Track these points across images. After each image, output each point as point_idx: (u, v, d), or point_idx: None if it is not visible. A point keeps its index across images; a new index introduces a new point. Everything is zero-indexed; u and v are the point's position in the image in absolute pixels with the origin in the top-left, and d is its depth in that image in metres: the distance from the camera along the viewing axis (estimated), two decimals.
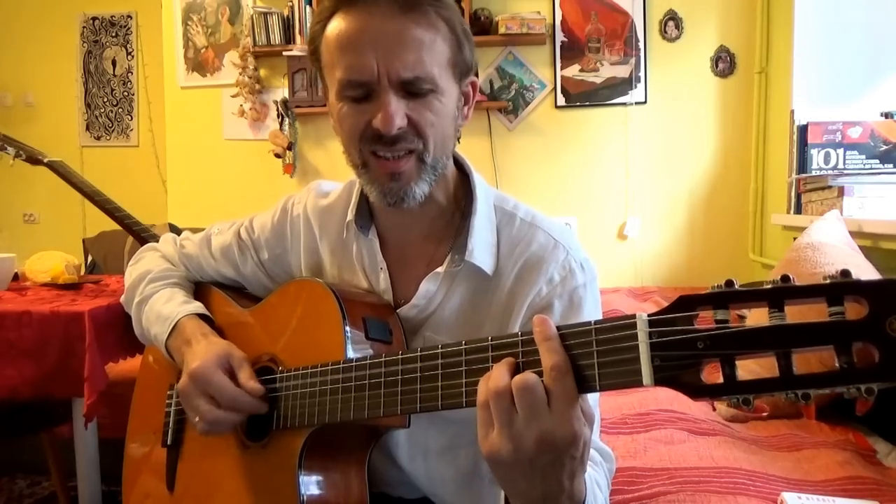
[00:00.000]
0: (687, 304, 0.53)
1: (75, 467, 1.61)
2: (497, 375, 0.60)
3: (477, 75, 0.91)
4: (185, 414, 0.99)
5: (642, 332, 0.54)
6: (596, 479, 0.77)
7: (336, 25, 0.79)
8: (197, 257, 1.08)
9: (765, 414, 1.43)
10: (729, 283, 0.52)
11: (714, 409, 1.58)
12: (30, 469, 2.39)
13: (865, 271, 1.47)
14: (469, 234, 0.85)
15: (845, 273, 0.48)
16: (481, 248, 0.85)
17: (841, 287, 0.48)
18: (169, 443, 1.00)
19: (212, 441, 0.93)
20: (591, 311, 0.86)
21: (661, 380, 0.54)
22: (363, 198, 0.92)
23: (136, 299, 1.06)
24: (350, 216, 0.92)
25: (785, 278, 0.50)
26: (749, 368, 0.52)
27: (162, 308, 1.00)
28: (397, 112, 0.77)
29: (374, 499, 0.85)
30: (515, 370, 0.60)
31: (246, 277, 1.05)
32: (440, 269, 0.86)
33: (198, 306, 1.00)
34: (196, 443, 0.97)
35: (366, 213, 0.92)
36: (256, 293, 1.05)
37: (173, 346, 0.96)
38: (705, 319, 0.53)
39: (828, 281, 0.48)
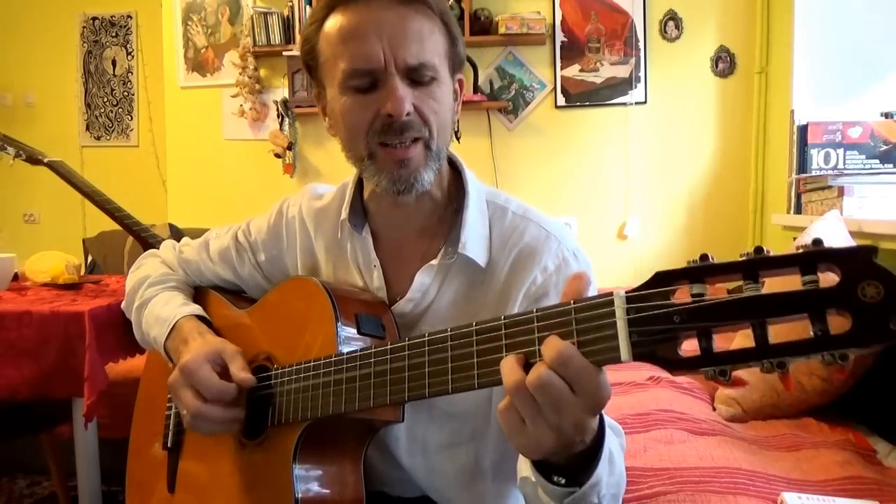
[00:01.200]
0: (663, 279, 0.54)
1: (75, 467, 1.61)
2: (508, 372, 0.59)
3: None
4: None
5: (620, 308, 0.55)
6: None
7: (335, 21, 0.81)
8: (196, 262, 1.09)
9: (746, 385, 1.42)
10: (703, 256, 0.52)
11: (714, 409, 1.58)
12: (30, 469, 2.39)
13: None
14: (462, 227, 0.86)
15: (817, 241, 0.48)
16: (474, 241, 0.86)
17: (813, 255, 0.48)
18: (169, 445, 1.00)
19: (210, 442, 0.93)
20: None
21: (638, 355, 0.54)
22: (356, 196, 0.93)
23: (135, 303, 1.07)
24: (344, 215, 0.92)
25: (758, 249, 0.51)
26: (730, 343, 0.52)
27: (161, 310, 1.00)
28: (406, 97, 0.79)
29: (372, 498, 0.85)
30: (524, 364, 0.59)
31: (244, 279, 1.06)
32: (434, 262, 0.87)
33: (196, 308, 1.00)
34: (195, 444, 0.98)
35: (359, 212, 0.93)
36: (254, 295, 1.06)
37: (171, 346, 0.96)
38: (682, 294, 0.53)
39: (801, 251, 0.49)
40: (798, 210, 2.47)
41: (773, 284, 0.50)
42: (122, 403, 1.33)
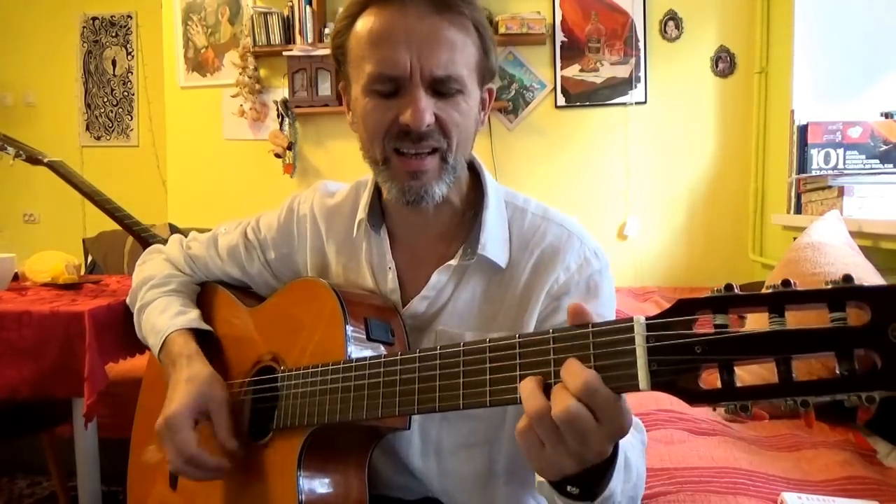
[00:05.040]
0: (685, 307, 0.52)
1: (75, 467, 1.60)
2: (529, 397, 0.57)
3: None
4: None
5: (640, 335, 0.54)
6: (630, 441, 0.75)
7: (367, 21, 0.80)
8: (203, 258, 1.08)
9: (765, 420, 1.42)
10: (728, 287, 0.51)
11: (714, 410, 1.58)
12: (30, 469, 2.39)
13: (865, 271, 1.47)
14: (481, 229, 0.86)
15: (847, 278, 0.47)
16: (494, 242, 0.86)
17: (843, 292, 0.47)
18: None
19: (215, 441, 0.93)
20: (607, 297, 0.87)
21: (658, 384, 0.53)
22: (375, 196, 0.93)
23: (137, 304, 1.07)
24: (362, 215, 0.92)
25: (786, 283, 0.49)
26: (748, 373, 0.52)
27: (156, 320, 1.00)
28: (427, 108, 0.77)
29: (371, 500, 0.84)
30: (544, 387, 0.58)
31: (252, 277, 1.05)
32: (452, 262, 0.86)
33: (189, 319, 0.99)
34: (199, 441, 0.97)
35: (377, 212, 0.93)
36: (262, 293, 1.05)
37: (164, 361, 0.97)
38: (704, 324, 0.52)
39: (829, 286, 0.47)
40: (798, 210, 2.47)
41: (796, 318, 0.49)
42: (122, 403, 1.33)
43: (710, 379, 0.52)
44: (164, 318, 0.99)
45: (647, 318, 0.54)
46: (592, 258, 0.87)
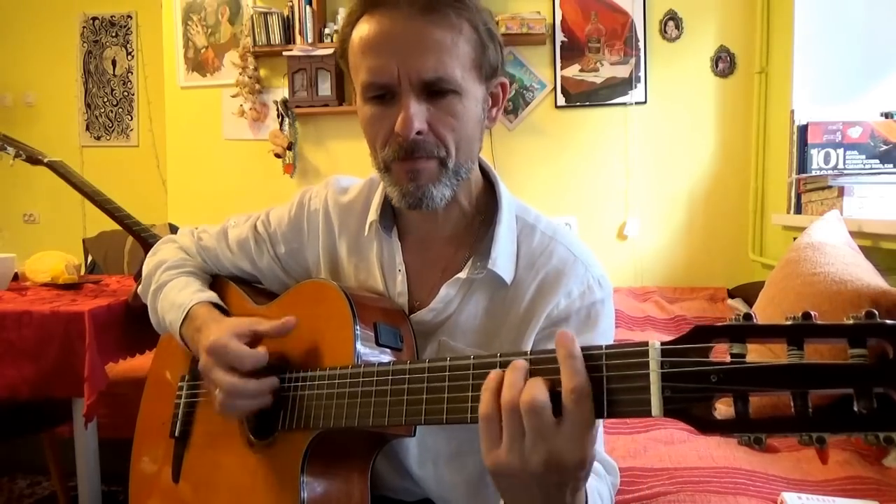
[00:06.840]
0: (702, 334, 0.52)
1: (75, 467, 1.61)
2: (510, 386, 0.58)
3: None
4: (193, 407, 1.00)
5: (654, 360, 0.53)
6: (598, 488, 0.76)
7: (361, 29, 0.80)
8: (214, 249, 1.08)
9: (778, 454, 1.42)
10: (747, 316, 0.50)
11: (714, 410, 1.57)
12: (30, 469, 2.40)
13: (866, 271, 1.47)
14: (493, 243, 0.86)
15: (870, 314, 0.46)
16: (504, 258, 0.86)
17: (864, 329, 0.46)
18: (176, 434, 1.00)
19: (218, 437, 0.93)
20: (606, 327, 0.86)
21: (670, 411, 0.52)
22: (387, 198, 0.92)
23: (151, 287, 1.06)
24: (374, 217, 0.92)
25: (806, 315, 0.48)
26: (761, 404, 0.51)
27: (176, 296, 1.00)
28: (417, 115, 0.77)
29: (372, 502, 0.84)
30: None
31: (262, 271, 1.05)
32: (461, 275, 0.86)
33: (211, 295, 1.00)
34: (203, 437, 0.98)
35: (388, 214, 0.93)
36: (271, 287, 1.06)
37: (187, 333, 0.96)
38: (720, 351, 0.52)
39: (851, 321, 0.47)
40: (798, 210, 2.47)
41: (817, 349, 0.49)
42: (122, 403, 1.34)
43: (724, 408, 0.51)
44: (185, 293, 0.99)
45: (662, 344, 0.53)
46: (595, 286, 0.85)
